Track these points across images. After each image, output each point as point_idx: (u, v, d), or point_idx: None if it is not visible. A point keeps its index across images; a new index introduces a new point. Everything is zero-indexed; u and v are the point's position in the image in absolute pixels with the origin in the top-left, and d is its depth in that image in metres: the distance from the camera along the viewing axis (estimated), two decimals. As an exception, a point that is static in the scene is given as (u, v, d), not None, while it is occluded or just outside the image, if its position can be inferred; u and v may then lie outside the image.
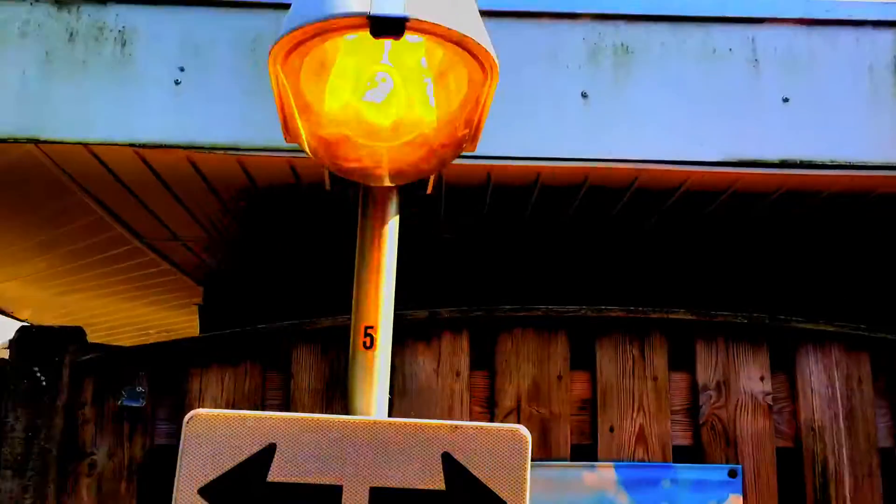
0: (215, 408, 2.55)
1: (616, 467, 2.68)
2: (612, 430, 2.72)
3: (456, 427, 1.80)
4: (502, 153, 2.98)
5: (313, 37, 1.53)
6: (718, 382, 2.76)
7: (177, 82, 3.03)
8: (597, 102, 3.05)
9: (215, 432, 1.74)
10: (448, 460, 1.75)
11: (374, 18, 1.48)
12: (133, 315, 7.24)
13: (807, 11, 3.12)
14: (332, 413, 2.40)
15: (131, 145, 2.98)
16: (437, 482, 1.71)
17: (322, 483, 1.68)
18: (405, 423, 1.75)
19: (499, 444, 1.77)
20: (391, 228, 2.03)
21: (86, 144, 2.99)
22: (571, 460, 2.70)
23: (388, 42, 1.67)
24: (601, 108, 3.04)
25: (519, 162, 2.97)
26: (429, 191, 2.13)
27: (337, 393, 2.71)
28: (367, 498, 1.67)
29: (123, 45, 3.06)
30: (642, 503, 2.66)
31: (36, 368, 2.65)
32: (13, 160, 3.15)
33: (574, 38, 3.11)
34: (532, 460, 1.75)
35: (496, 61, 1.62)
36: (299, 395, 2.71)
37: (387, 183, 1.96)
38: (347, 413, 1.90)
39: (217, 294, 5.43)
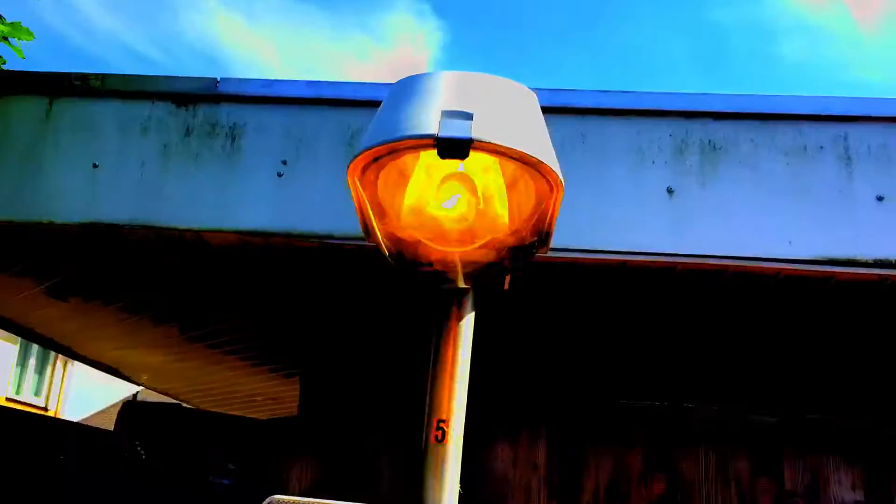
0: (299, 491, 2.64)
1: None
2: (691, 533, 2.65)
3: None
4: (587, 246, 3.02)
5: (386, 154, 1.63)
6: (807, 489, 2.66)
7: (279, 174, 3.22)
8: (682, 197, 3.06)
9: None
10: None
11: (441, 140, 1.57)
12: (240, 383, 7.52)
13: (901, 109, 3.07)
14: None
15: (236, 232, 3.18)
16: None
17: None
18: None
19: None
20: (466, 325, 2.08)
21: (195, 231, 3.20)
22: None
23: (460, 155, 1.76)
24: (687, 204, 3.05)
25: (602, 255, 2.99)
26: (505, 287, 2.18)
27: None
28: None
29: (233, 139, 3.29)
30: None
31: (137, 443, 2.81)
32: (132, 243, 3.40)
33: (660, 134, 3.15)
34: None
35: (560, 177, 1.68)
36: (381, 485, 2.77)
37: (460, 284, 2.03)
38: (420, 504, 1.93)
39: (317, 368, 5.58)
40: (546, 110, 3.33)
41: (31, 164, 3.35)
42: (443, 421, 2.04)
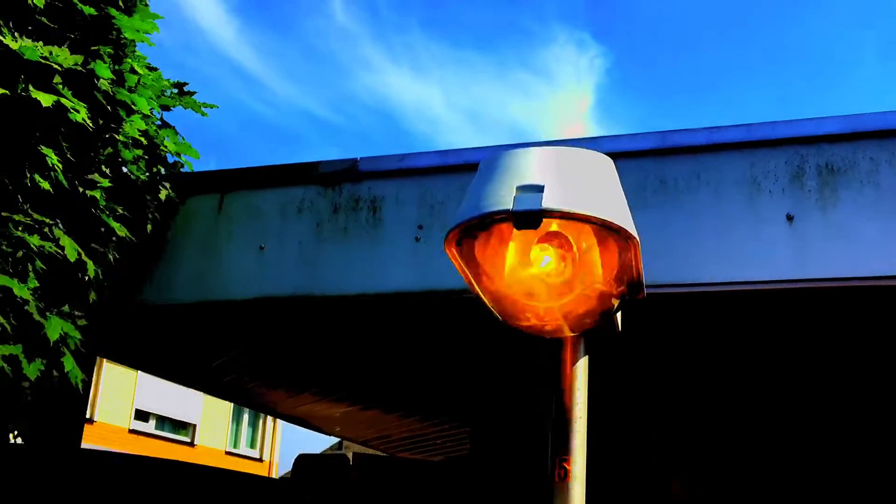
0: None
1: None
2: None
3: None
4: (707, 280, 3.09)
5: (471, 228, 1.86)
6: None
7: (416, 239, 3.52)
8: (802, 223, 3.07)
9: None
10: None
11: (516, 213, 1.78)
12: (413, 429, 7.92)
13: None
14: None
15: (384, 294, 3.50)
16: None
17: None
18: None
19: None
20: (580, 369, 2.24)
21: (345, 296, 3.55)
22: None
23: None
24: (807, 229, 3.05)
25: (721, 287, 3.05)
26: (619, 329, 2.34)
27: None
28: None
29: (374, 211, 3.63)
30: None
31: (307, 495, 3.13)
32: (294, 312, 3.80)
33: (776, 162, 3.18)
34: None
35: (632, 232, 1.83)
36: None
37: (566, 334, 2.21)
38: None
39: (484, 421, 5.81)
40: (658, 152, 3.47)
41: (208, 250, 3.85)
42: (565, 460, 2.22)
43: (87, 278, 3.38)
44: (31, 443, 3.55)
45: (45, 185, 2.77)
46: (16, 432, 3.49)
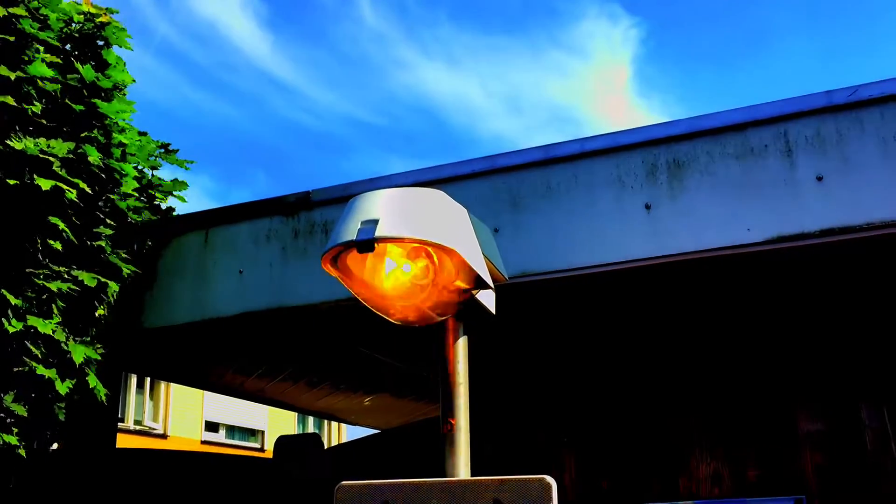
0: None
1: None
2: None
3: (502, 481, 2.64)
4: (581, 264, 3.76)
5: (331, 254, 2.57)
6: None
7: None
8: (656, 210, 3.72)
9: (354, 495, 2.73)
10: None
11: (357, 242, 2.50)
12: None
13: (830, 100, 3.55)
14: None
15: (336, 301, 4.23)
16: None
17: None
18: (471, 480, 2.61)
19: (532, 491, 2.53)
20: (460, 346, 2.93)
21: (310, 305, 4.30)
22: None
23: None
24: (660, 214, 3.71)
25: (594, 269, 3.72)
26: (492, 313, 3.05)
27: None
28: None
29: (326, 233, 4.37)
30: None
31: (290, 466, 3.89)
32: (270, 322, 4.57)
33: (635, 162, 3.83)
34: None
35: (450, 246, 2.50)
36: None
37: (435, 320, 2.91)
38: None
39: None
40: (543, 163, 4.16)
41: (199, 278, 4.63)
42: (451, 416, 2.92)
43: (101, 310, 4.16)
44: (69, 449, 4.37)
45: (57, 245, 3.56)
46: (51, 440, 4.30)
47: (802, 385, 4.53)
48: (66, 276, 3.84)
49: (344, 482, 2.83)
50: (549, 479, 2.54)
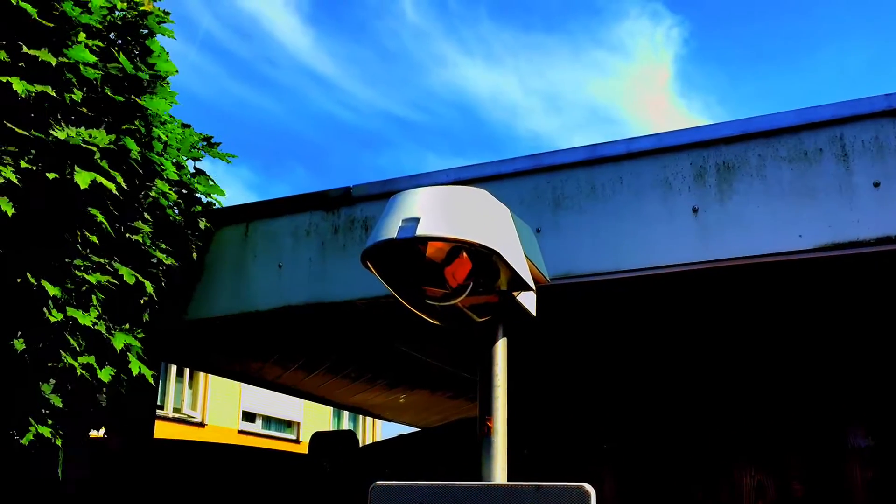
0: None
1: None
2: None
3: (538, 487, 2.58)
4: (628, 267, 3.68)
5: (374, 250, 2.53)
6: None
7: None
8: (705, 214, 3.62)
9: (388, 495, 2.69)
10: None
11: (397, 240, 2.45)
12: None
13: (889, 104, 3.42)
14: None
15: (374, 298, 4.20)
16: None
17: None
18: (507, 485, 2.56)
19: (570, 498, 2.46)
20: (499, 348, 2.89)
21: (348, 301, 4.27)
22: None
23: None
24: (709, 218, 3.61)
25: (640, 273, 3.63)
26: (533, 315, 2.99)
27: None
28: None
29: (366, 229, 4.33)
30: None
31: (325, 462, 3.86)
32: (306, 317, 4.55)
33: (682, 164, 3.73)
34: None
35: (488, 245, 2.46)
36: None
37: (462, 324, 2.85)
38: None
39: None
40: (587, 163, 4.08)
41: (239, 271, 4.63)
42: (488, 419, 2.87)
43: (142, 301, 4.18)
44: (110, 436, 4.40)
45: (94, 238, 3.57)
46: (88, 430, 4.33)
47: (851, 398, 4.38)
48: (107, 267, 3.85)
49: (378, 482, 2.79)
50: (587, 486, 2.48)
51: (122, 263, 3.97)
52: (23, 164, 3.25)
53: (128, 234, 3.87)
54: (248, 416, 21.06)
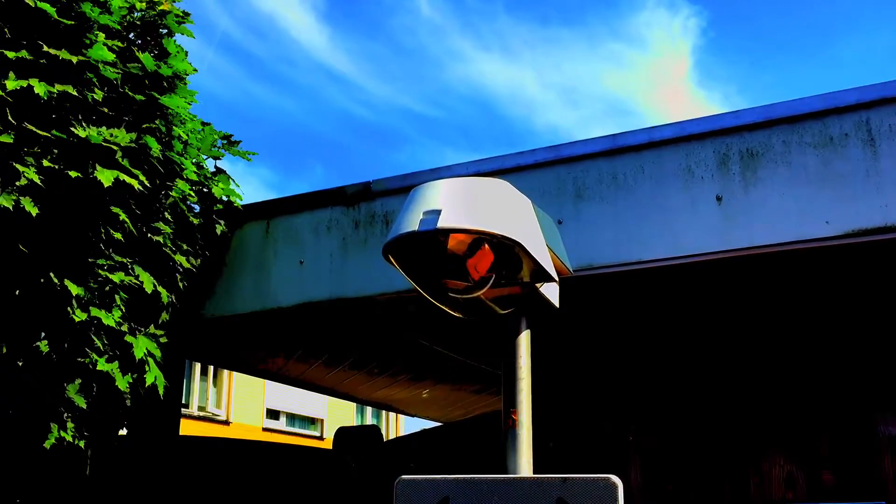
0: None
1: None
2: None
3: (565, 479, 2.55)
4: (651, 257, 3.64)
5: (395, 243, 2.51)
6: None
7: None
8: (728, 202, 3.57)
9: (413, 490, 2.67)
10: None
11: (418, 232, 2.43)
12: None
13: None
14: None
15: (396, 293, 4.19)
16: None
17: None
18: (533, 478, 2.54)
19: (597, 490, 2.43)
20: (522, 340, 2.86)
21: (369, 297, 4.26)
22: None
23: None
24: (733, 207, 3.56)
25: (664, 263, 3.60)
26: (556, 307, 2.96)
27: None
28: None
29: (387, 224, 4.32)
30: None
31: (349, 458, 3.86)
32: (328, 313, 4.54)
33: (706, 152, 3.69)
34: None
35: (512, 237, 2.43)
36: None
37: (485, 317, 2.82)
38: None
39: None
40: (609, 153, 4.04)
41: (260, 268, 4.63)
42: (513, 411, 2.85)
43: (159, 305, 4.18)
44: (135, 437, 4.43)
45: (118, 235, 3.58)
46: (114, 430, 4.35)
47: (882, 387, 4.31)
48: (129, 267, 3.86)
49: (403, 476, 2.77)
50: (614, 478, 2.44)
51: (143, 265, 3.97)
52: (45, 164, 3.27)
53: (149, 235, 3.88)
54: (273, 414, 21.18)
